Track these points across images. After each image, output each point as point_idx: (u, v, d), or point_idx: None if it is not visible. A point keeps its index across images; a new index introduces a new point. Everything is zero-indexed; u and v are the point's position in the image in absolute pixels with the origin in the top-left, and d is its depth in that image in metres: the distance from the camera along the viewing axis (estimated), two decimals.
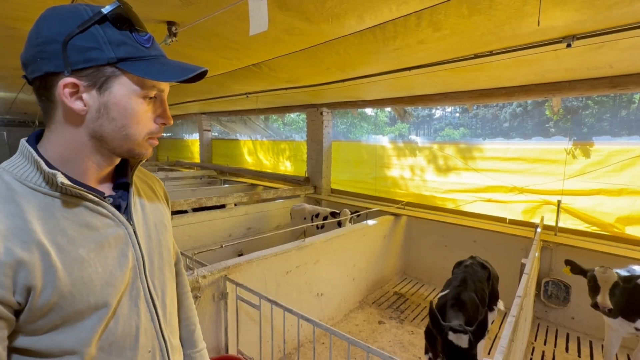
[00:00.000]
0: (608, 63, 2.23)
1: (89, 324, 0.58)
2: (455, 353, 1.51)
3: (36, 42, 0.54)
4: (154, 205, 0.77)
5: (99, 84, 0.57)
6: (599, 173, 2.97)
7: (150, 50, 0.60)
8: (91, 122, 0.58)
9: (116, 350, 0.62)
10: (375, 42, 1.91)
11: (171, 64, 0.61)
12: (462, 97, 3.46)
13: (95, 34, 0.55)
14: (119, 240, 0.64)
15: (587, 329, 2.90)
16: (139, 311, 0.66)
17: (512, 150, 3.44)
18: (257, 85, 3.54)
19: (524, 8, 1.40)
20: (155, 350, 0.69)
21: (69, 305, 0.56)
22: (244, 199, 4.31)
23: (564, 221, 3.16)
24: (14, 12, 1.56)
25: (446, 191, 3.97)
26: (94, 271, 0.59)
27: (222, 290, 2.00)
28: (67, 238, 0.57)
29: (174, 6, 1.47)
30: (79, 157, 0.61)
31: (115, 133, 0.60)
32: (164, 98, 0.65)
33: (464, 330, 1.54)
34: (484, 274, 2.19)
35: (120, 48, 0.56)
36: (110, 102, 0.58)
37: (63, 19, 0.54)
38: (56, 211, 0.57)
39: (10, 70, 2.98)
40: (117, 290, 0.62)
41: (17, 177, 0.56)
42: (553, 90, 2.89)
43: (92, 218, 0.61)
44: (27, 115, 9.08)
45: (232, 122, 7.20)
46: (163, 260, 0.74)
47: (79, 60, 0.54)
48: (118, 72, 0.57)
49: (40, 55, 0.54)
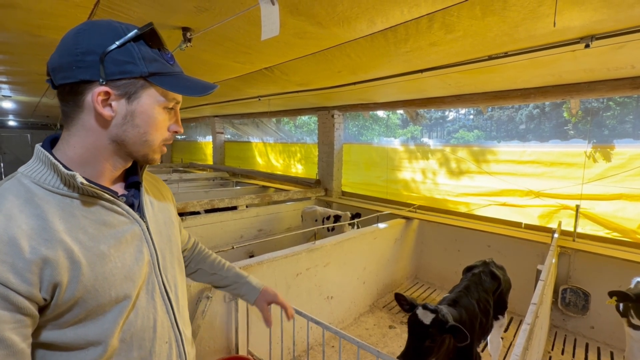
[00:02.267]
0: (629, 63, 2.16)
1: (111, 317, 0.62)
2: (415, 326, 1.50)
3: (75, 52, 0.59)
4: (161, 204, 0.82)
5: (129, 93, 0.63)
6: (620, 177, 2.86)
7: (173, 67, 0.68)
8: (115, 127, 0.64)
9: (137, 341, 0.66)
10: (387, 45, 1.90)
11: (192, 80, 0.69)
12: (475, 99, 3.40)
13: (131, 50, 0.61)
14: (135, 237, 0.68)
15: (607, 339, 2.78)
16: (155, 304, 0.70)
17: (528, 153, 3.36)
18: (269, 89, 3.58)
19: (539, 9, 1.38)
20: (172, 341, 0.73)
21: (92, 299, 0.59)
22: (256, 200, 4.36)
23: (583, 227, 3.06)
24: (39, 20, 1.63)
25: (459, 194, 3.91)
26: (114, 266, 0.62)
27: None
28: (88, 235, 0.60)
29: (189, 13, 1.51)
30: (98, 159, 0.65)
31: (136, 138, 0.66)
32: (178, 109, 0.72)
33: (434, 310, 1.52)
34: (492, 285, 2.10)
35: (152, 64, 0.63)
36: (137, 111, 0.64)
37: (102, 34, 0.60)
38: (75, 211, 0.61)
39: (34, 75, 3.11)
40: (135, 284, 0.66)
41: (35, 181, 0.59)
42: (571, 92, 2.81)
43: (108, 216, 0.65)
44: (49, 119, 9.45)
45: (244, 125, 7.30)
46: (173, 256, 0.79)
47: (115, 72, 0.60)
48: (147, 85, 0.64)
49: (77, 64, 0.59)
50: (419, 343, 1.48)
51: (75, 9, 1.49)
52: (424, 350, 1.47)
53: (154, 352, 0.69)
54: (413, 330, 1.51)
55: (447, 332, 1.48)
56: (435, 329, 1.47)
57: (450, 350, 1.60)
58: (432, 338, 1.47)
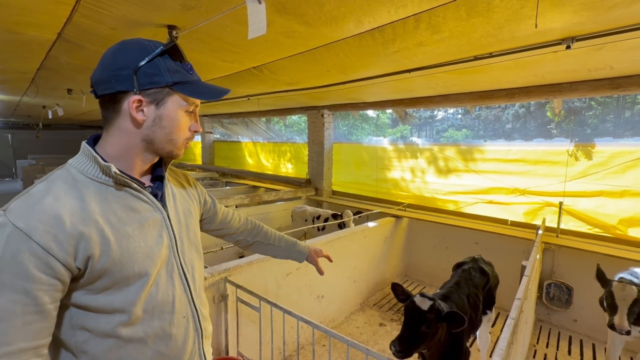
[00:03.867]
0: (609, 64, 2.23)
1: (134, 289, 0.73)
2: (412, 312, 1.53)
3: (113, 68, 0.71)
4: (183, 196, 0.93)
5: (158, 100, 0.75)
6: (601, 175, 2.95)
7: (192, 76, 0.79)
8: (146, 129, 0.76)
9: (157, 313, 0.77)
10: (375, 44, 1.92)
11: (208, 86, 0.81)
12: (462, 98, 3.46)
13: (158, 64, 0.73)
14: (156, 223, 0.79)
15: (589, 332, 2.87)
16: (173, 282, 0.80)
17: (513, 152, 3.43)
18: (258, 88, 3.56)
19: (521, 10, 1.41)
20: (189, 316, 0.83)
21: (118, 271, 0.70)
22: (246, 200, 4.33)
23: (566, 223, 3.15)
24: (17, 17, 1.59)
25: (447, 193, 3.96)
26: (138, 245, 0.73)
27: (222, 292, 2.01)
28: (117, 217, 0.72)
29: (175, 10, 1.48)
30: (130, 155, 0.77)
31: (163, 137, 0.77)
32: (197, 112, 0.84)
33: (432, 298, 1.55)
34: (481, 280, 2.14)
35: (175, 75, 0.75)
36: (164, 114, 0.76)
37: (134, 52, 0.73)
38: (109, 196, 0.73)
39: (14, 73, 3.01)
40: (154, 263, 0.76)
41: (80, 170, 0.72)
42: (554, 92, 2.88)
43: (135, 203, 0.76)
44: (30, 119, 9.16)
45: (233, 124, 7.23)
46: (191, 242, 0.89)
47: (146, 83, 0.72)
48: (172, 92, 0.76)
49: (115, 78, 0.71)
50: (414, 328, 1.50)
51: (56, 6, 1.45)
52: (419, 335, 1.50)
53: (172, 324, 0.79)
54: (410, 316, 1.53)
55: (443, 320, 1.51)
56: (433, 315, 1.50)
57: (441, 343, 1.63)
58: (429, 324, 1.49)
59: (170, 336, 0.78)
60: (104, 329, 0.70)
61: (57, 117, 5.71)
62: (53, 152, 12.98)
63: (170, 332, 0.78)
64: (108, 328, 0.70)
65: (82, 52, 2.15)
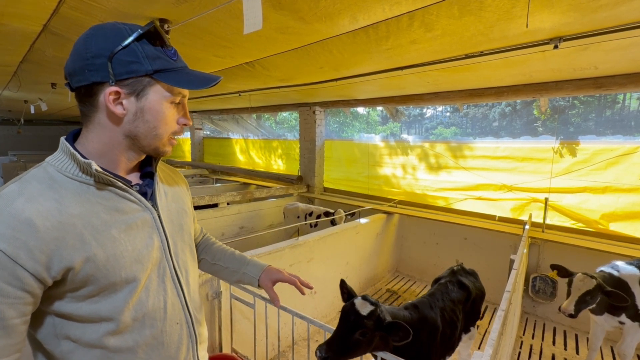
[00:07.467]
0: (593, 64, 2.30)
1: (122, 296, 0.67)
2: (349, 314, 1.31)
3: (85, 57, 0.63)
4: (175, 194, 0.86)
5: (137, 91, 0.67)
6: (584, 171, 3.05)
7: (177, 62, 0.70)
8: (127, 124, 0.68)
9: (148, 320, 0.71)
10: (368, 41, 1.93)
11: (195, 74, 0.71)
12: (452, 96, 3.51)
13: (135, 50, 0.64)
14: (146, 224, 0.72)
15: (573, 323, 2.98)
16: (165, 287, 0.74)
17: (501, 149, 3.51)
18: (250, 84, 3.53)
19: (512, 10, 1.44)
20: (182, 322, 0.78)
21: (103, 277, 0.64)
22: (237, 198, 4.30)
23: (551, 218, 3.24)
24: (1, 7, 1.53)
25: (437, 189, 4.03)
26: (125, 249, 0.67)
27: (215, 289, 2.00)
28: (100, 220, 0.66)
29: (167, 4, 1.46)
30: (114, 152, 0.71)
31: (147, 132, 0.70)
32: (185, 103, 0.76)
33: (374, 303, 1.35)
34: (460, 295, 1.92)
35: (156, 61, 0.66)
36: (145, 107, 0.68)
37: (108, 37, 0.64)
38: (91, 197, 0.66)
39: None
40: (144, 267, 0.70)
41: (58, 169, 0.65)
42: (540, 91, 2.96)
43: (121, 203, 0.69)
44: (11, 114, 8.84)
45: (224, 121, 7.15)
46: (185, 243, 0.83)
47: (122, 72, 0.64)
48: (153, 82, 0.68)
49: (89, 68, 0.63)
50: (347, 333, 1.29)
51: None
52: (351, 342, 1.28)
53: (165, 332, 0.73)
54: (345, 318, 1.32)
55: (382, 330, 1.30)
56: (372, 321, 1.29)
57: None
58: (364, 331, 1.28)
59: (163, 344, 0.73)
60: (90, 339, 0.65)
61: (40, 112, 5.52)
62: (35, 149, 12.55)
63: (162, 340, 0.73)
64: (94, 338, 0.65)
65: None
